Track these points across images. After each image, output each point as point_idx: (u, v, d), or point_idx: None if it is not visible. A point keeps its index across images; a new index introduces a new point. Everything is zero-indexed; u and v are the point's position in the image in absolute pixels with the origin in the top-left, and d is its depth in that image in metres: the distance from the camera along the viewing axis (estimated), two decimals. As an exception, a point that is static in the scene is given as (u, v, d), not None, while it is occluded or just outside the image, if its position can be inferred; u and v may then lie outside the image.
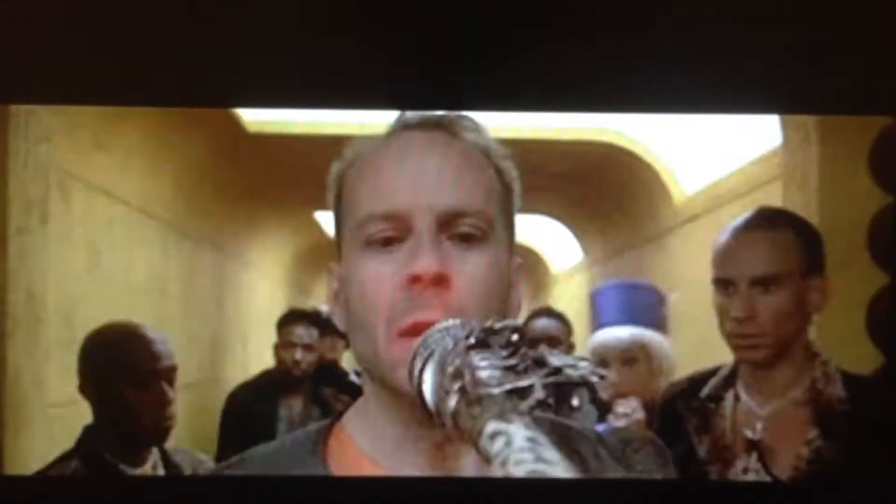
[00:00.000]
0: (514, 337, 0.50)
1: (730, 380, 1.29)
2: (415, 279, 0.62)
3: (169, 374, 1.39)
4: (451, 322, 0.57)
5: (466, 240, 0.65)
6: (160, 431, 1.37)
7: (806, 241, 1.23)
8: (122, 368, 1.35)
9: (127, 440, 1.33)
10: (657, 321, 1.87)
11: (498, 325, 0.51)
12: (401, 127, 0.70)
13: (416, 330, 0.59)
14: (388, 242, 0.65)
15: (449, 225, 0.65)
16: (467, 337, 0.51)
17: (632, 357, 1.78)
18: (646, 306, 1.89)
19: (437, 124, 0.70)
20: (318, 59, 0.95)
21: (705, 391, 1.28)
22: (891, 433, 1.11)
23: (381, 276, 0.64)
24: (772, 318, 1.21)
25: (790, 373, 1.23)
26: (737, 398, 1.26)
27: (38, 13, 0.94)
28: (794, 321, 1.22)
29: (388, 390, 0.65)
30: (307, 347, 2.34)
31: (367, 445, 0.69)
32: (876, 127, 1.31)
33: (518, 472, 0.40)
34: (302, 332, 2.35)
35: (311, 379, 2.33)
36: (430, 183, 0.65)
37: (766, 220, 1.24)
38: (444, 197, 0.65)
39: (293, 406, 2.30)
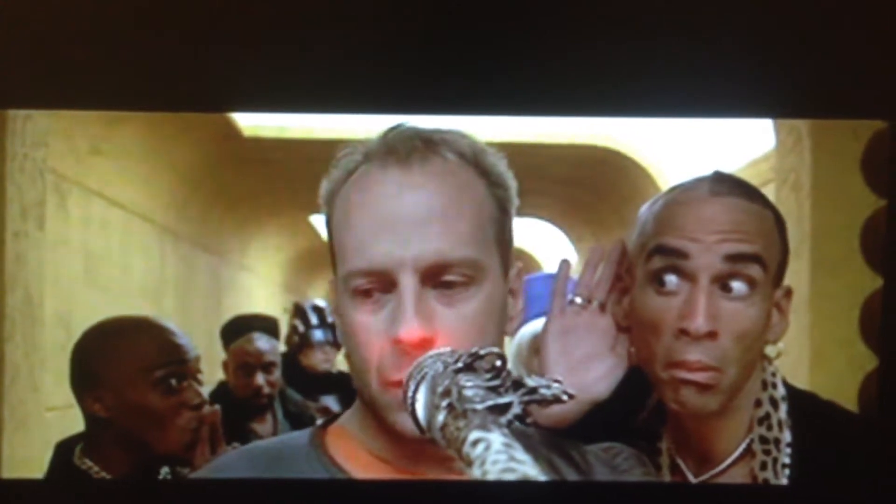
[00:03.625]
0: (498, 363, 0.56)
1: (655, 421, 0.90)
2: (399, 342, 0.63)
3: (196, 369, 1.14)
4: (442, 349, 0.62)
5: (452, 287, 0.64)
6: (186, 447, 1.11)
7: (783, 236, 0.83)
8: (143, 367, 1.11)
9: (143, 460, 1.10)
10: None
11: (483, 352, 0.57)
12: (377, 156, 0.66)
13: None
14: (371, 294, 0.65)
15: (433, 277, 0.63)
16: (456, 362, 0.57)
17: None
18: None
19: (415, 150, 0.65)
20: (315, 64, 0.95)
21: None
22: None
23: (369, 329, 0.65)
24: (736, 339, 0.77)
25: (736, 430, 0.83)
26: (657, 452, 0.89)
27: (35, 17, 0.94)
28: (757, 350, 0.81)
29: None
30: (268, 367, 1.80)
31: (365, 439, 0.71)
32: (869, 130, 1.32)
33: (494, 469, 0.45)
34: (261, 348, 1.81)
35: (278, 397, 1.87)
36: (411, 235, 0.62)
37: (739, 188, 0.81)
38: (427, 249, 0.62)
39: (259, 429, 1.81)
